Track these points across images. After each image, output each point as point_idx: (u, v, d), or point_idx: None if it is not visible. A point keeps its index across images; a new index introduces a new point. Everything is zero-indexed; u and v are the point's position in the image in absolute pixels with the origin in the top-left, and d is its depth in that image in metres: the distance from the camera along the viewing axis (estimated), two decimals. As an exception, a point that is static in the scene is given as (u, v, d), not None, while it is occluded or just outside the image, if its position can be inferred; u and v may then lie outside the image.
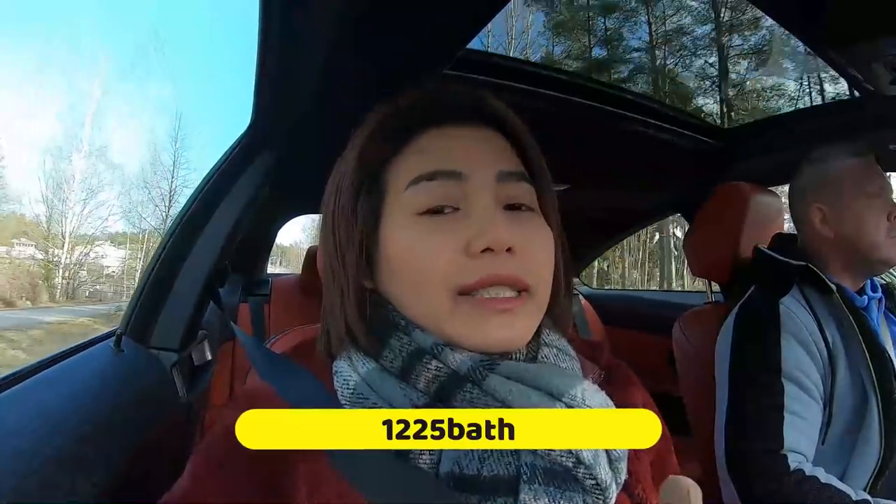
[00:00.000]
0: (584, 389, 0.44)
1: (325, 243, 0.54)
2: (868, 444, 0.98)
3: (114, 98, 33.14)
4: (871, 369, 0.98)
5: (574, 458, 0.41)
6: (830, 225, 1.10)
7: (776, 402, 0.99)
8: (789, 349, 1.02)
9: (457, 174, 0.48)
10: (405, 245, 0.47)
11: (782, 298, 1.08)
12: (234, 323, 1.43)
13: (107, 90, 27.72)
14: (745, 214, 1.32)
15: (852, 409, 1.00)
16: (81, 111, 26.32)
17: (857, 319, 1.02)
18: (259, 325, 2.07)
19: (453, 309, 0.45)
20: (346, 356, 0.50)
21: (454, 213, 0.48)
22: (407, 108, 0.53)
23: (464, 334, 0.45)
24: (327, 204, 0.54)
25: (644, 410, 0.44)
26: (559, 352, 0.51)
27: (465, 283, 0.45)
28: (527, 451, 0.42)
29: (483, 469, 0.41)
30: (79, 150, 22.00)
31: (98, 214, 21.70)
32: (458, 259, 0.45)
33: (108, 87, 29.43)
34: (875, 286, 1.12)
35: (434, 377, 0.44)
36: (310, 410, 0.44)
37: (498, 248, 0.45)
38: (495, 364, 0.44)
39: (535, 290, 0.47)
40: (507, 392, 0.42)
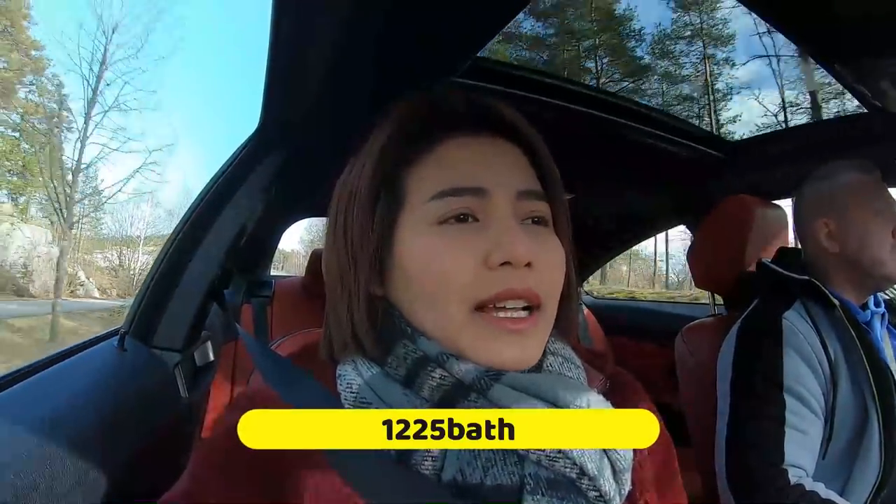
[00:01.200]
0: (589, 400, 0.44)
1: (333, 246, 0.52)
2: (868, 459, 0.97)
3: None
4: (872, 384, 0.98)
5: (578, 469, 0.41)
6: (835, 240, 1.09)
7: (777, 417, 0.98)
8: (791, 363, 1.01)
9: (482, 191, 0.48)
10: (423, 254, 0.47)
11: (785, 313, 1.08)
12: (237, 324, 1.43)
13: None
14: (750, 228, 1.31)
15: (853, 424, 0.99)
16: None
17: (859, 334, 1.01)
18: (261, 326, 2.07)
19: (466, 323, 0.45)
20: (350, 360, 0.50)
21: (474, 224, 0.47)
22: (427, 114, 0.52)
23: (475, 351, 0.45)
24: (338, 206, 0.53)
25: (642, 410, 0.45)
26: (564, 360, 0.51)
27: (482, 298, 0.45)
28: (530, 460, 0.42)
29: (486, 478, 0.41)
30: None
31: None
32: (477, 271, 0.45)
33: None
34: (878, 301, 1.12)
35: (438, 385, 0.44)
36: (310, 410, 0.44)
37: (517, 262, 0.45)
38: (500, 374, 0.44)
39: (545, 306, 0.47)
40: (512, 402, 0.42)
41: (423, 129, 0.51)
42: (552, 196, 0.53)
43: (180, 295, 1.01)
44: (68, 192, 16.87)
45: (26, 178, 18.08)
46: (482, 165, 0.49)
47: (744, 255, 1.32)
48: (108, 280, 20.55)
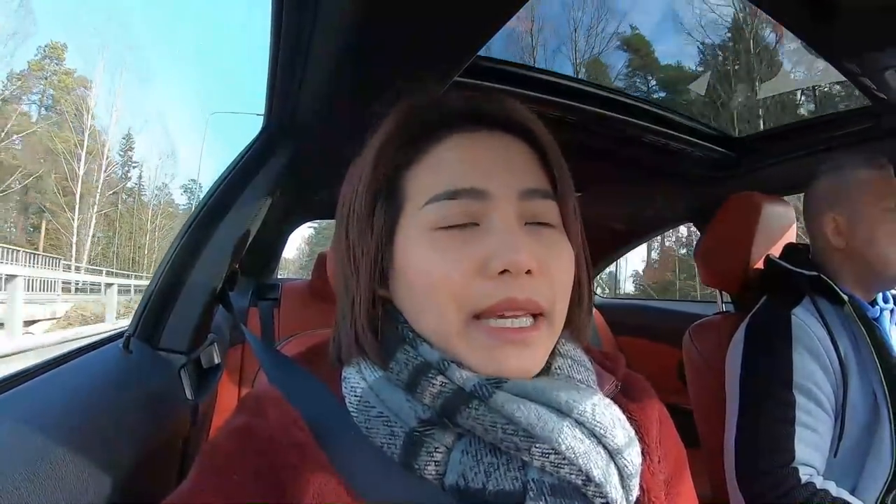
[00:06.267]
0: (595, 405, 0.44)
1: (338, 248, 0.52)
2: (879, 456, 0.96)
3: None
4: (882, 380, 0.97)
5: (584, 476, 0.40)
6: (843, 236, 1.08)
7: (787, 415, 0.97)
8: (800, 360, 1.00)
9: (480, 192, 0.46)
10: (419, 260, 0.46)
11: (794, 309, 1.07)
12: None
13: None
14: (757, 224, 1.30)
15: (864, 420, 0.98)
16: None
17: (868, 330, 1.00)
18: (268, 329, 2.07)
19: (465, 332, 0.44)
20: (355, 363, 0.50)
21: (473, 229, 0.46)
22: (424, 113, 0.51)
23: (475, 361, 0.44)
24: (342, 210, 0.53)
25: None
26: (574, 362, 0.50)
27: (480, 308, 0.43)
28: (534, 466, 0.41)
29: (489, 483, 0.41)
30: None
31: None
32: (474, 281, 0.43)
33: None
34: (887, 297, 1.11)
35: (439, 392, 0.43)
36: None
37: (517, 270, 0.43)
38: (502, 381, 0.43)
39: (550, 313, 0.46)
40: (514, 409, 0.41)
41: (421, 130, 0.50)
42: (561, 194, 0.51)
43: (186, 297, 1.01)
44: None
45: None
46: (481, 165, 0.47)
47: (751, 252, 1.31)
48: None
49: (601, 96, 1.31)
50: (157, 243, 32.34)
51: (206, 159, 46.02)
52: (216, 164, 39.56)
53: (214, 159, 45.84)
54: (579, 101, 1.26)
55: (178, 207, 36.25)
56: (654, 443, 0.53)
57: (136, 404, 0.78)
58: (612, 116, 1.32)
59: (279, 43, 0.82)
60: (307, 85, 0.93)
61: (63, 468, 0.55)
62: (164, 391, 0.91)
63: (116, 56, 41.40)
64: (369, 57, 0.81)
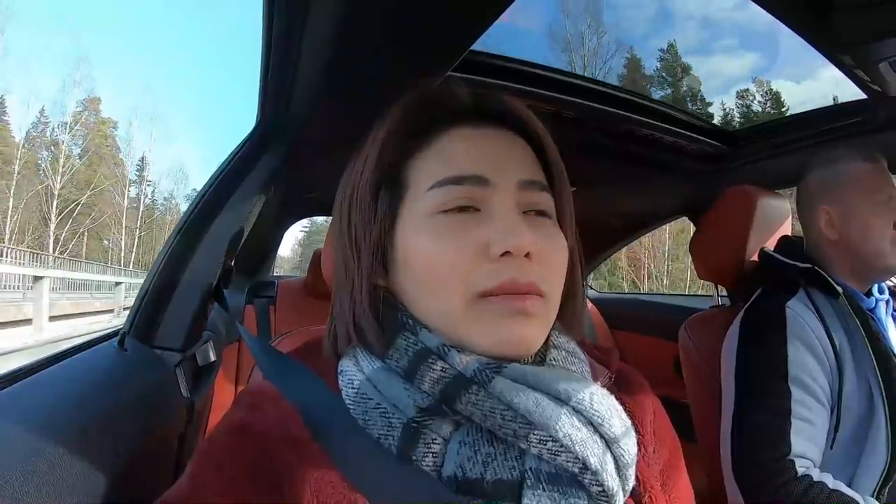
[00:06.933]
0: (593, 393, 0.44)
1: (338, 239, 0.53)
2: (876, 448, 0.96)
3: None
4: (877, 372, 0.97)
5: (580, 464, 0.40)
6: (836, 228, 1.09)
7: (783, 407, 0.98)
8: (796, 353, 1.00)
9: (483, 180, 0.47)
10: (423, 245, 0.47)
11: (788, 302, 1.07)
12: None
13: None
14: (752, 217, 1.31)
15: (860, 412, 0.98)
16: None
17: (863, 322, 1.01)
18: (264, 327, 2.07)
19: (468, 311, 0.45)
20: (351, 355, 0.50)
21: (474, 214, 0.47)
22: (431, 105, 0.52)
23: (478, 335, 0.44)
24: (342, 199, 0.54)
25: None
26: (568, 354, 0.50)
27: (484, 287, 0.44)
28: (531, 455, 0.42)
29: (486, 473, 0.41)
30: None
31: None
32: (477, 261, 0.45)
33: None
34: (882, 288, 1.11)
35: (439, 378, 0.43)
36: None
37: (518, 252, 0.44)
38: (502, 367, 0.43)
39: (549, 297, 0.47)
40: (513, 395, 0.41)
41: (425, 122, 0.51)
42: (556, 188, 0.53)
43: (181, 295, 1.00)
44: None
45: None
46: (484, 155, 0.49)
47: (746, 246, 1.31)
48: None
49: (595, 91, 1.31)
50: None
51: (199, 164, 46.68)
52: (210, 168, 40.11)
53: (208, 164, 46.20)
54: (573, 96, 1.26)
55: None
56: (648, 434, 0.54)
57: (131, 402, 0.78)
58: (605, 111, 1.32)
59: (271, 42, 0.81)
60: (299, 83, 0.93)
61: (58, 466, 0.55)
62: (160, 389, 0.91)
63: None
64: (361, 54, 0.81)
